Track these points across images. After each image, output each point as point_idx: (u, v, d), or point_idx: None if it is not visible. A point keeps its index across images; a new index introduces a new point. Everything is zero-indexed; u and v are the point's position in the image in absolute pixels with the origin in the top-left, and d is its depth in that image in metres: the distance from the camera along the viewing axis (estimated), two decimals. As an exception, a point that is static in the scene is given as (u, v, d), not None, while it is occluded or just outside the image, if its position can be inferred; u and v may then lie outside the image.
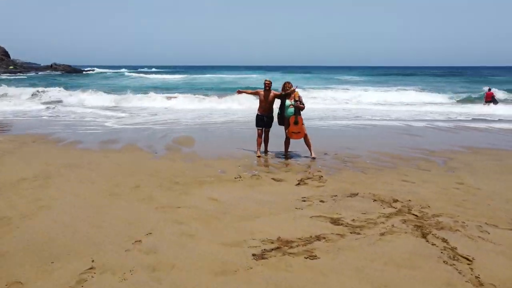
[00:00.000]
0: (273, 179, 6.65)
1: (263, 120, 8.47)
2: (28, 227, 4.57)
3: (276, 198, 5.66)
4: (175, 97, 24.27)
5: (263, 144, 8.60)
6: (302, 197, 5.66)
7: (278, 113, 8.31)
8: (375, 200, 5.51)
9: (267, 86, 8.37)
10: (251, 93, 9.10)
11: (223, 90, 31.64)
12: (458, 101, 25.53)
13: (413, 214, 4.96)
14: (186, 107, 20.76)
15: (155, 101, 22.58)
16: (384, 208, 5.19)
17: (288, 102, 8.06)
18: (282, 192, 5.96)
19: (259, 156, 8.35)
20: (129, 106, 21.00)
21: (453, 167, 7.39)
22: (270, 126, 8.53)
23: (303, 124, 8.06)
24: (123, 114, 17.03)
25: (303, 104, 8.05)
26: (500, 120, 16.22)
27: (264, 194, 5.82)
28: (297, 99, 7.96)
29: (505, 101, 25.66)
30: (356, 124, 14.24)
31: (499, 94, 26.52)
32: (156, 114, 17.26)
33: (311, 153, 8.21)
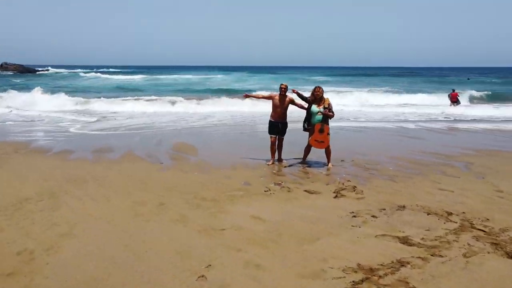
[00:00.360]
0: (306, 191, 6.17)
1: (278, 127, 7.94)
2: (59, 262, 3.83)
3: (322, 213, 5.20)
4: (147, 100, 23.20)
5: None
6: (350, 212, 5.23)
7: (305, 121, 7.81)
8: (428, 214, 5.17)
9: (283, 90, 7.85)
10: (263, 98, 8.41)
11: (193, 92, 30.73)
12: (427, 102, 26.05)
13: (479, 229, 4.66)
14: (159, 110, 19.75)
15: (125, 104, 21.13)
16: (444, 223, 4.86)
17: (315, 108, 7.58)
18: (324, 206, 5.50)
19: (272, 164, 7.86)
20: (98, 109, 19.63)
21: (480, 172, 7.24)
22: (285, 133, 8.01)
23: (328, 134, 7.61)
24: (94, 119, 15.85)
25: (333, 112, 7.61)
26: (474, 120, 16.68)
27: (307, 209, 5.35)
28: (326, 106, 7.51)
29: (471, 100, 26.58)
30: (347, 126, 14.05)
31: (471, 93, 27.55)
32: (131, 118, 16.32)
33: (328, 162, 7.80)
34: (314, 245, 4.25)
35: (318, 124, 7.53)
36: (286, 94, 7.91)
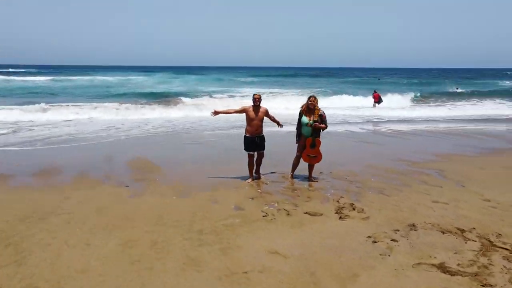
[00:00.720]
0: (306, 213, 5.72)
1: (255, 143, 7.31)
2: None
3: (340, 240, 4.80)
4: (66, 106, 20.81)
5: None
6: (368, 237, 4.91)
7: (297, 133, 7.37)
8: (443, 233, 5.04)
9: (258, 100, 7.26)
10: (235, 112, 7.45)
11: (116, 96, 28.18)
12: (353, 103, 26.92)
13: (502, 248, 4.61)
14: (82, 117, 17.62)
15: (41, 112, 18.34)
16: (465, 243, 4.74)
17: (305, 119, 7.14)
18: (336, 231, 5.11)
19: (252, 181, 7.31)
20: (8, 118, 16.65)
21: (457, 180, 7.40)
22: (264, 147, 7.45)
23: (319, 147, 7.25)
24: (7, 130, 13.63)
25: (325, 124, 7.20)
26: (405, 121, 17.76)
27: (321, 237, 4.91)
28: (316, 119, 7.09)
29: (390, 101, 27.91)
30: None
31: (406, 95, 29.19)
32: (52, 127, 14.38)
33: (310, 176, 7.45)
34: (357, 283, 3.82)
35: (309, 138, 7.14)
36: (260, 104, 7.34)
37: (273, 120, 7.56)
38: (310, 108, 7.12)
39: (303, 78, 62.59)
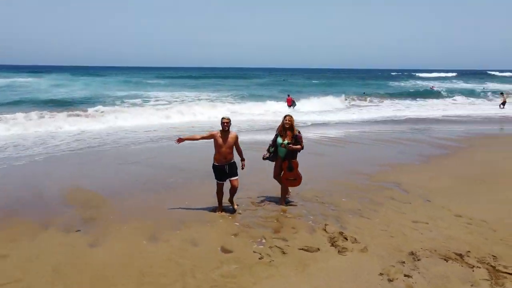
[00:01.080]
0: (301, 249, 5.28)
1: (225, 171, 6.58)
2: None
3: (354, 283, 4.47)
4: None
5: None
6: (379, 274, 4.65)
7: (271, 149, 6.92)
8: (446, 260, 4.99)
9: (227, 125, 6.53)
10: (202, 138, 6.64)
11: (8, 105, 23.97)
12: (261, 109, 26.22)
13: (507, 273, 4.68)
14: None
15: None
16: (473, 271, 4.73)
17: (280, 140, 6.69)
18: (343, 269, 4.77)
19: (221, 212, 6.66)
20: None
21: (420, 194, 7.57)
22: (237, 173, 6.72)
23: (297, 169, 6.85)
24: None
25: (301, 144, 6.75)
26: (331, 125, 18.39)
27: (332, 279, 4.53)
28: (289, 141, 6.64)
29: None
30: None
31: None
32: None
33: (282, 200, 7.05)
34: None
35: (285, 162, 6.72)
36: (230, 130, 6.64)
37: (239, 152, 6.78)
38: (285, 128, 6.72)
39: (212, 79, 61.90)
